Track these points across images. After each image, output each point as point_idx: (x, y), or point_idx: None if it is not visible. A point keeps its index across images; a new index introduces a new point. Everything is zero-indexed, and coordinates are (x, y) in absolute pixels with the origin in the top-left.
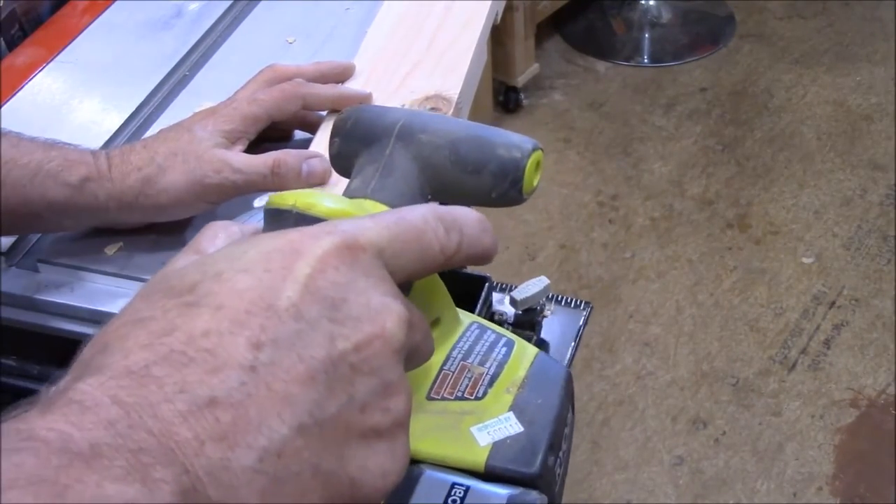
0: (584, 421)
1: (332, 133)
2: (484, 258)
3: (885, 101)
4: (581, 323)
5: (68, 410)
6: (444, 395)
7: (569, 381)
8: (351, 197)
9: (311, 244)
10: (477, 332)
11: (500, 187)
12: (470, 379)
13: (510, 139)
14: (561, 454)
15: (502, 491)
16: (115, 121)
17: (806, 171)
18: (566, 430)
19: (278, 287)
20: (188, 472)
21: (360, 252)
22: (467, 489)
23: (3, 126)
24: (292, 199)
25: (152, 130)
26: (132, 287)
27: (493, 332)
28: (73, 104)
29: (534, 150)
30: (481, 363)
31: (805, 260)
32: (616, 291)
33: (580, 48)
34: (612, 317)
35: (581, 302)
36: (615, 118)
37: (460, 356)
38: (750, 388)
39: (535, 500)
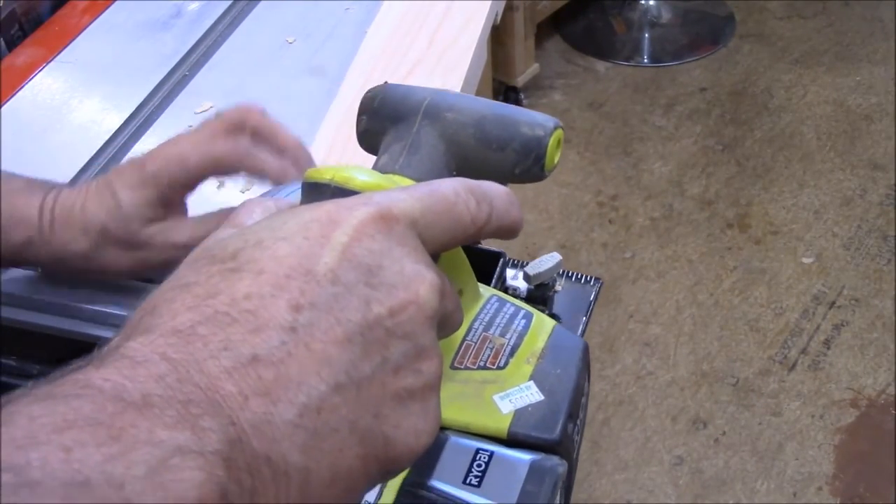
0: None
1: (359, 111)
2: (512, 230)
3: (885, 101)
4: (591, 298)
5: (121, 364)
6: (467, 365)
7: (585, 352)
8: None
9: (347, 214)
10: (497, 304)
11: (523, 164)
12: (491, 349)
13: (533, 117)
14: (578, 422)
15: (525, 456)
16: (115, 121)
17: (806, 171)
18: (583, 400)
19: (317, 254)
20: (234, 424)
21: (394, 222)
22: (491, 454)
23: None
24: (330, 173)
25: (152, 131)
26: (133, 286)
27: (512, 304)
28: (73, 104)
29: (556, 128)
30: (502, 334)
31: (805, 260)
32: (616, 291)
33: (580, 48)
34: (612, 317)
35: (591, 278)
36: (615, 118)
37: (481, 328)
38: (750, 388)
39: (556, 464)
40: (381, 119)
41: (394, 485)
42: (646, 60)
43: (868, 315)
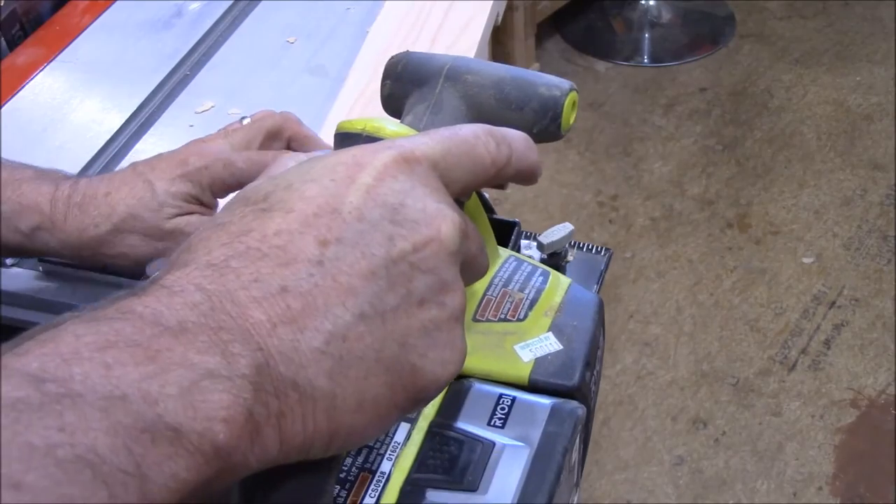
0: None
1: (383, 76)
2: (531, 174)
3: (885, 100)
4: (602, 267)
5: (159, 294)
6: (489, 318)
7: (600, 306)
8: None
9: (372, 157)
10: (514, 263)
11: (540, 123)
12: (511, 303)
13: (549, 80)
14: (595, 373)
15: (545, 401)
16: (115, 121)
17: (806, 171)
18: (599, 353)
19: (343, 193)
20: (262, 350)
21: (416, 163)
22: (514, 399)
23: (2, 125)
24: (361, 124)
25: (153, 131)
26: (134, 285)
27: (529, 263)
28: (73, 104)
29: (571, 89)
30: (521, 290)
31: (805, 260)
32: (616, 291)
33: (580, 48)
34: (613, 316)
35: (602, 248)
36: (615, 118)
37: (501, 283)
38: (750, 388)
39: (575, 408)
40: (404, 83)
41: (422, 427)
42: (646, 60)
43: (868, 315)
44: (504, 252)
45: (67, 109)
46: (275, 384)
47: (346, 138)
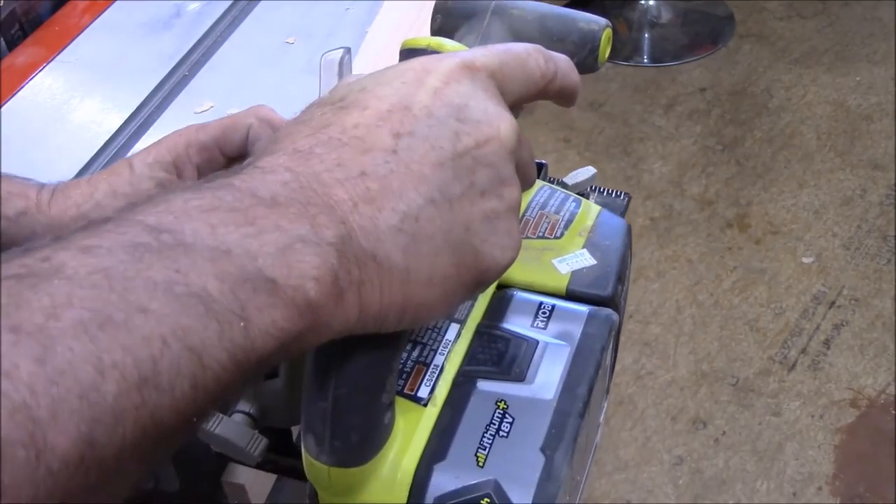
0: None
1: (434, 12)
2: (572, 93)
3: (885, 100)
4: (622, 209)
5: (253, 173)
6: (528, 235)
7: (629, 230)
8: None
9: (438, 64)
10: (548, 192)
11: (580, 55)
12: (548, 223)
13: (588, 16)
14: (624, 289)
15: (582, 308)
16: (115, 121)
17: (806, 171)
18: (627, 271)
19: (413, 93)
20: (345, 224)
21: (477, 71)
22: (553, 306)
23: (2, 125)
24: (426, 41)
25: (153, 131)
26: None
27: (562, 192)
28: (73, 104)
29: (607, 25)
30: (556, 212)
31: (805, 260)
32: None
33: None
34: None
35: (621, 193)
36: (615, 118)
37: (538, 207)
38: (750, 388)
39: (610, 314)
40: (454, 17)
41: (470, 327)
42: (646, 60)
43: (868, 315)
44: (539, 183)
45: (67, 109)
46: (356, 255)
47: (411, 53)
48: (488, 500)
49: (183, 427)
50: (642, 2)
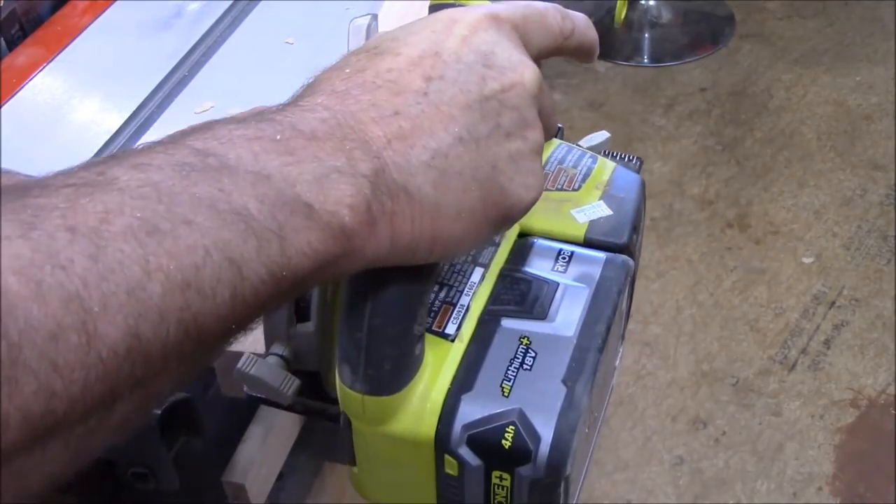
0: None
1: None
2: (590, 49)
3: (885, 100)
4: (635, 171)
5: (294, 110)
6: (547, 187)
7: (643, 184)
8: None
9: (464, 15)
10: (566, 149)
11: (597, 14)
12: (566, 177)
13: None
14: (639, 238)
15: (600, 254)
16: (115, 121)
17: (806, 171)
18: (641, 224)
19: (442, 41)
20: (378, 158)
21: (501, 22)
22: (572, 252)
23: (2, 125)
24: None
25: (153, 131)
26: None
27: (579, 149)
28: (73, 104)
29: None
30: (573, 167)
31: (805, 260)
32: None
33: None
34: None
35: (633, 157)
36: (615, 118)
37: (556, 161)
38: (750, 388)
39: (626, 260)
40: None
41: (493, 271)
42: (646, 60)
43: (868, 315)
44: (556, 141)
45: (67, 109)
46: (389, 187)
47: (438, 7)
48: (513, 428)
49: (223, 335)
50: (642, 2)
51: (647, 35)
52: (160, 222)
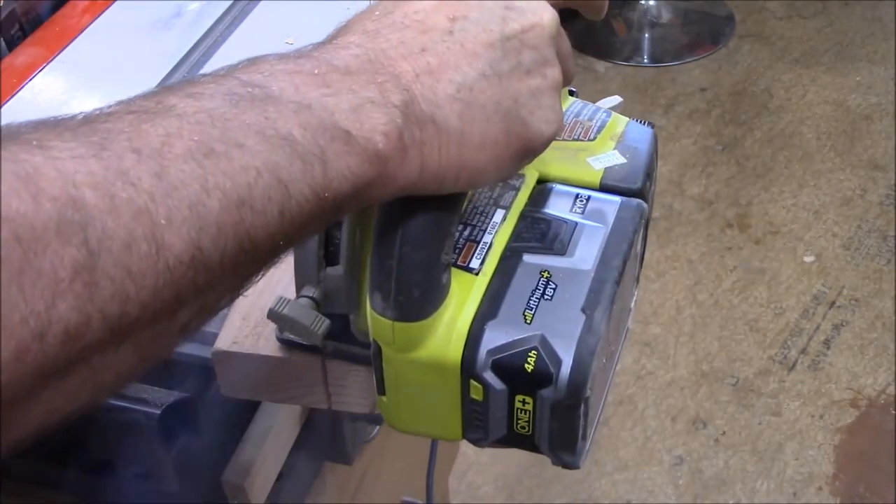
0: None
1: None
2: (601, 5)
3: (885, 100)
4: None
5: (329, 47)
6: (564, 138)
7: (654, 136)
8: None
9: None
10: (581, 104)
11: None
12: (582, 128)
13: None
14: (652, 186)
15: (615, 198)
16: None
17: (806, 171)
18: (655, 171)
19: None
20: (408, 91)
21: None
22: (589, 196)
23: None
24: None
25: None
26: None
27: (593, 105)
28: (73, 104)
29: None
30: (589, 119)
31: (805, 260)
32: None
33: (580, 48)
34: None
35: (646, 121)
36: None
37: (572, 115)
38: (750, 388)
39: (640, 203)
40: None
41: (514, 213)
42: (646, 60)
43: (868, 315)
44: (571, 98)
45: (67, 109)
46: (418, 118)
47: None
48: (535, 352)
49: (272, 250)
50: (642, 2)
51: (647, 35)
52: (215, 145)
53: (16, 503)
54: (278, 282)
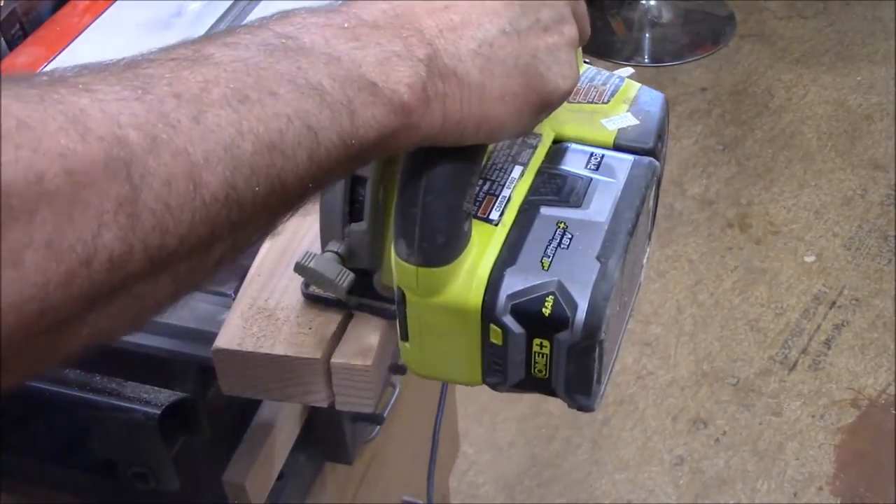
0: (584, 420)
1: None
2: None
3: (886, 100)
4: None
5: (357, 3)
6: (579, 101)
7: (666, 101)
8: None
9: None
10: (595, 71)
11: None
12: (596, 92)
13: None
14: (663, 147)
15: (628, 156)
16: None
17: (806, 171)
18: (666, 134)
19: None
20: (431, 46)
21: None
22: (603, 154)
23: None
24: None
25: None
26: None
27: (606, 71)
28: None
29: None
30: (602, 84)
31: (805, 260)
32: None
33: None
34: None
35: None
36: None
37: (587, 80)
38: (750, 387)
39: (652, 161)
40: None
41: (532, 169)
42: (646, 60)
43: (868, 315)
44: (586, 64)
45: None
46: (441, 71)
47: None
48: (553, 297)
49: (301, 193)
50: (643, 2)
51: (647, 35)
52: (250, 92)
53: (16, 503)
54: (284, 271)
